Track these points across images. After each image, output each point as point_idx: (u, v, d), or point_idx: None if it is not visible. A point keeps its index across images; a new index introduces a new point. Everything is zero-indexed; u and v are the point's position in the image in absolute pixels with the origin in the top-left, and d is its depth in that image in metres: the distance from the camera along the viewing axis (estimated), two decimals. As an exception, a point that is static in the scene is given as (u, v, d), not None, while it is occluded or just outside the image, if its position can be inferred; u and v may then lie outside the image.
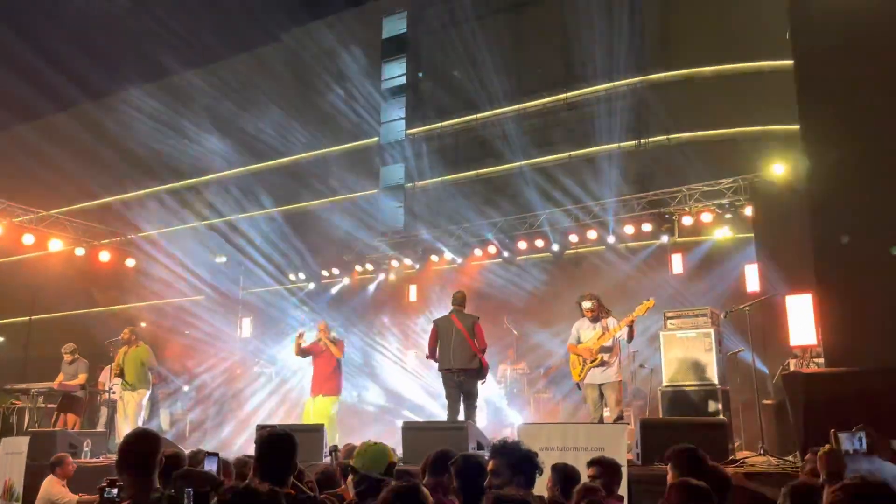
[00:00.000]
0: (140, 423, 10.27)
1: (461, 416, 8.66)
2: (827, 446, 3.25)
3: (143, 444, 3.65)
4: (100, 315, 16.91)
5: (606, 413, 8.47)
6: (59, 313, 18.75)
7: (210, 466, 4.28)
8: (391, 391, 15.08)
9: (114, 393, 10.98)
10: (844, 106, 7.13)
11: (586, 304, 8.59)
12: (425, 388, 14.74)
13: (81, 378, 11.28)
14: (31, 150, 20.32)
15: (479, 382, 8.94)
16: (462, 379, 8.73)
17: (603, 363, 8.33)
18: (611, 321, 8.48)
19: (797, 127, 7.82)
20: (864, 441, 3.42)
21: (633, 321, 8.28)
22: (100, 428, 11.26)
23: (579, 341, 8.58)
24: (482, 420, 11.83)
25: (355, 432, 10.88)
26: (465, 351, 8.72)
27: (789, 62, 8.21)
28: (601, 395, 8.38)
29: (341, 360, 10.27)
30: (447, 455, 4.30)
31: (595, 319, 8.54)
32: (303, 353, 10.27)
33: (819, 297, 7.37)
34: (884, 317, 6.54)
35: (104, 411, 11.70)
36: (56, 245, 14.96)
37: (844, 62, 7.11)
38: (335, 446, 6.34)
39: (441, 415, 13.60)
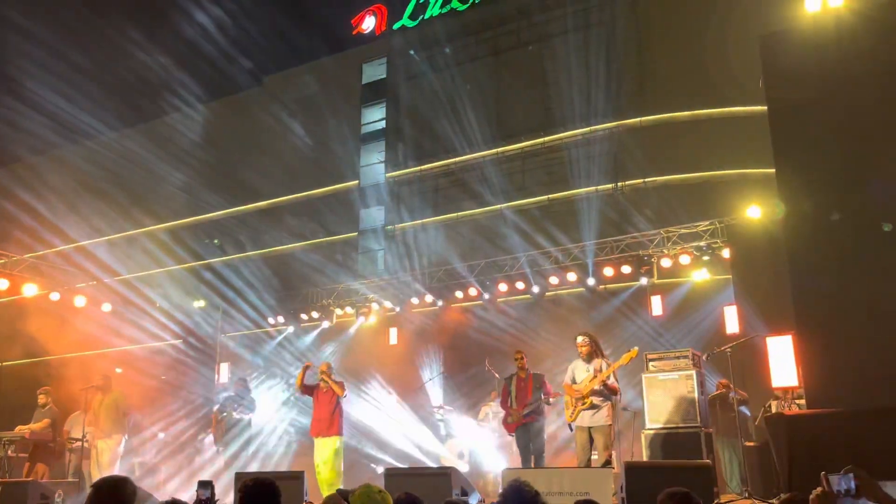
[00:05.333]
0: (115, 472, 10.02)
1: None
2: (819, 489, 3.23)
3: (116, 493, 3.48)
4: (74, 361, 16.55)
5: (594, 457, 8.40)
6: (31, 359, 18.35)
7: (206, 494, 4.21)
8: (371, 436, 14.86)
9: (86, 441, 10.72)
10: (818, 154, 7.27)
11: (578, 340, 8.61)
12: (405, 433, 14.54)
13: (44, 423, 11.01)
14: (5, 194, 20.12)
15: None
16: None
17: (593, 406, 8.29)
18: (603, 364, 8.45)
19: (773, 170, 7.94)
20: (853, 483, 3.41)
21: (615, 370, 8.32)
22: (70, 477, 10.95)
23: (574, 381, 8.56)
24: (464, 466, 11.70)
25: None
26: None
27: (763, 107, 8.39)
28: (590, 438, 8.32)
29: (342, 402, 10.10)
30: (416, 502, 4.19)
31: (588, 358, 8.52)
32: (305, 389, 10.20)
33: (799, 339, 7.41)
34: (863, 358, 6.60)
35: (72, 458, 11.39)
36: (31, 290, 14.69)
37: (817, 112, 7.27)
38: None
39: (422, 460, 13.47)
